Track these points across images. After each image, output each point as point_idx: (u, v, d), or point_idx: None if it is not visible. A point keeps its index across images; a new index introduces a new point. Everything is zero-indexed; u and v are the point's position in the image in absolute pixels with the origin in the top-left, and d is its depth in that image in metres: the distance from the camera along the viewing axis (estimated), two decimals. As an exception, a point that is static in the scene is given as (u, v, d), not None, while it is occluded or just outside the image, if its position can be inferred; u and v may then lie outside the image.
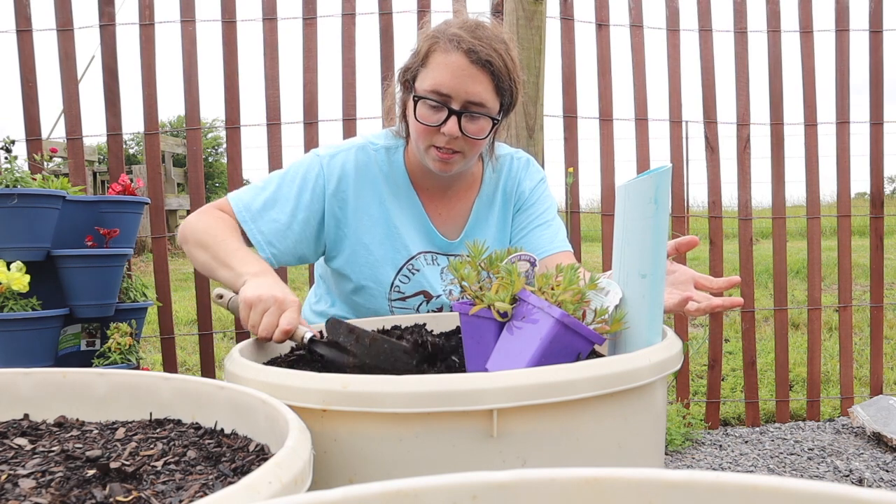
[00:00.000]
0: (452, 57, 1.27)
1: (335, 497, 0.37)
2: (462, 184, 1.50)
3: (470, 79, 1.27)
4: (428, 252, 1.47)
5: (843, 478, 2.27)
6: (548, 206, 1.53)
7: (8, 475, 0.62)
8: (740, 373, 3.11)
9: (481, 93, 1.28)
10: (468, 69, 1.26)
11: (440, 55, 1.28)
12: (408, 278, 1.45)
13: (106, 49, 2.40)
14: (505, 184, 1.52)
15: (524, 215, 1.52)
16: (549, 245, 1.47)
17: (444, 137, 1.30)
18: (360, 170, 1.42)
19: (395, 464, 0.74)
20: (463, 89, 1.27)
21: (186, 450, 0.71)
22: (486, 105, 1.30)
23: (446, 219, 1.49)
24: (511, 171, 1.53)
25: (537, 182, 1.54)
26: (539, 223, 1.50)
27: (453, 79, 1.27)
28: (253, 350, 1.04)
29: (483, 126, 1.32)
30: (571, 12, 2.59)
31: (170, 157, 8.92)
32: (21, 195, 1.62)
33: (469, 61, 1.26)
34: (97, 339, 1.88)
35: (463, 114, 1.29)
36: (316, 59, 2.49)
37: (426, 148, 1.34)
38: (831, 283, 4.46)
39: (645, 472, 0.39)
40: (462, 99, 1.28)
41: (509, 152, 1.56)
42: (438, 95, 1.28)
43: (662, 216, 0.87)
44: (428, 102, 1.29)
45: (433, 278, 1.47)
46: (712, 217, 2.79)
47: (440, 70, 1.28)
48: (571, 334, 0.84)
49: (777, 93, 2.77)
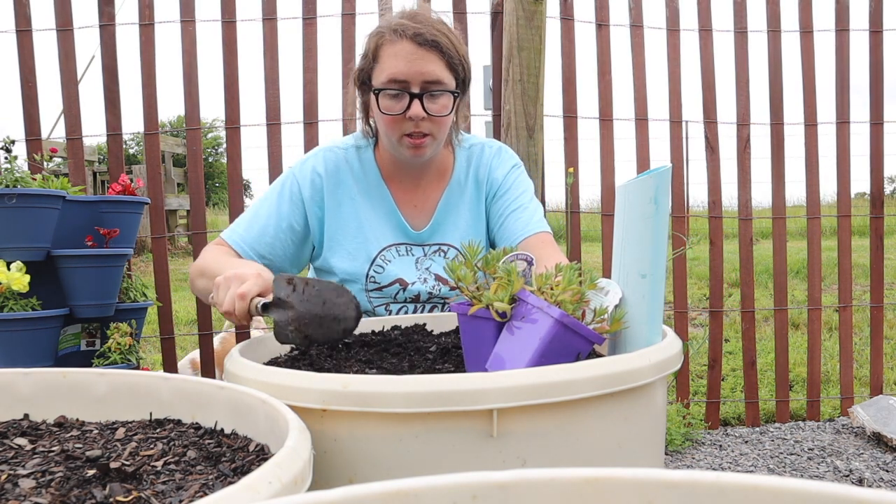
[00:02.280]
0: (400, 45, 1.34)
1: (335, 497, 0.37)
2: (433, 174, 1.54)
3: (422, 60, 1.34)
4: (400, 244, 1.51)
5: (843, 478, 2.27)
6: (522, 190, 1.54)
7: (8, 475, 0.62)
8: (740, 373, 3.11)
9: (435, 71, 1.35)
10: (418, 52, 1.34)
11: (388, 47, 1.36)
12: (381, 268, 1.49)
13: (106, 49, 2.40)
14: (476, 171, 1.55)
15: (500, 203, 1.53)
16: (524, 229, 1.47)
17: (411, 123, 1.36)
18: (329, 171, 1.49)
19: (395, 464, 0.74)
20: (417, 71, 1.34)
21: (186, 450, 0.71)
22: (442, 82, 1.36)
23: (420, 212, 1.53)
24: (482, 158, 1.56)
25: (510, 168, 1.56)
26: (514, 208, 1.51)
27: (407, 64, 1.34)
28: (253, 350, 1.04)
29: (445, 103, 1.38)
30: (571, 12, 2.59)
31: (170, 157, 8.92)
32: (21, 195, 1.62)
33: (417, 45, 1.34)
34: (97, 339, 1.88)
35: (423, 95, 1.35)
36: (316, 59, 2.49)
37: (398, 139, 1.40)
38: (831, 283, 4.46)
39: (645, 472, 0.39)
40: (419, 81, 1.35)
41: (482, 142, 1.59)
42: (396, 83, 1.35)
43: (662, 216, 0.87)
44: (388, 93, 1.36)
45: (407, 268, 1.50)
46: (712, 217, 2.78)
47: (392, 60, 1.35)
48: (571, 334, 0.84)
49: (777, 93, 2.77)
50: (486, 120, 2.60)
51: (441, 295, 1.51)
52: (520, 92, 2.34)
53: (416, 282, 1.49)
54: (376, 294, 1.50)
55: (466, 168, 1.55)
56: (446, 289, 1.50)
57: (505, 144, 1.61)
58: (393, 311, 1.50)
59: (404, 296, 1.50)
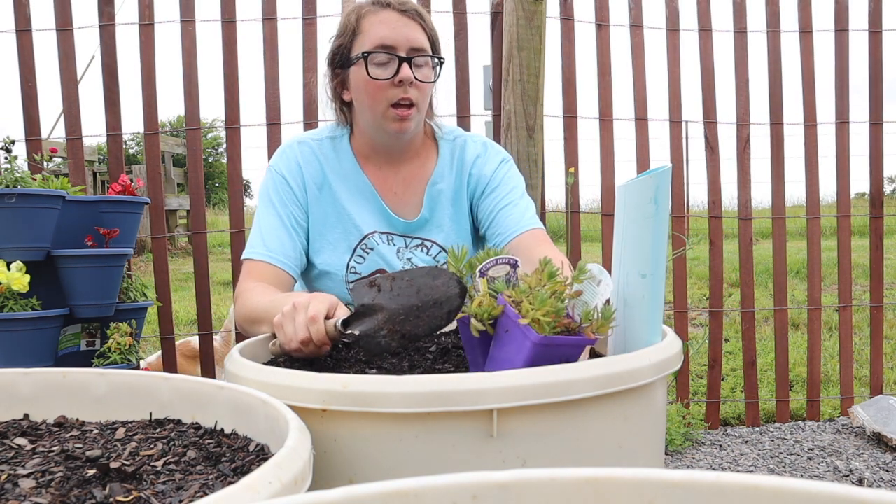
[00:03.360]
0: (384, 13, 1.38)
1: (335, 497, 0.37)
2: (414, 162, 1.52)
3: (407, 27, 1.37)
4: (383, 232, 1.48)
5: (843, 478, 2.27)
6: (513, 186, 1.51)
7: (8, 475, 0.62)
8: (740, 373, 3.11)
9: (420, 38, 1.39)
10: (402, 19, 1.37)
11: (372, 16, 1.38)
12: (363, 258, 1.47)
13: (106, 49, 2.40)
14: (460, 166, 1.52)
15: (489, 199, 1.49)
16: (516, 226, 1.44)
17: (399, 89, 1.37)
18: (304, 163, 1.48)
19: (395, 464, 0.74)
20: (404, 37, 1.36)
21: (186, 450, 0.71)
22: (426, 50, 1.39)
23: (401, 200, 1.50)
24: (465, 152, 1.53)
25: (498, 164, 1.52)
26: (505, 204, 1.47)
27: (393, 30, 1.37)
28: (253, 350, 1.04)
29: (428, 72, 1.41)
30: (571, 12, 2.59)
31: (170, 157, 8.93)
32: (21, 195, 1.62)
33: (400, 12, 1.38)
34: (97, 339, 1.88)
35: (411, 60, 1.37)
36: (316, 59, 2.49)
37: (383, 112, 1.39)
38: (831, 283, 4.46)
39: (645, 472, 0.39)
40: (406, 46, 1.37)
41: (465, 135, 1.56)
42: (384, 48, 1.36)
43: (662, 216, 0.87)
44: (376, 59, 1.37)
45: (389, 257, 1.48)
46: (712, 217, 2.78)
47: (378, 27, 1.37)
48: (553, 348, 0.83)
49: (777, 93, 2.77)
50: (487, 120, 2.60)
51: None
52: (520, 92, 2.34)
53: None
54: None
55: (450, 161, 1.52)
56: None
57: (489, 140, 1.58)
58: None
59: None
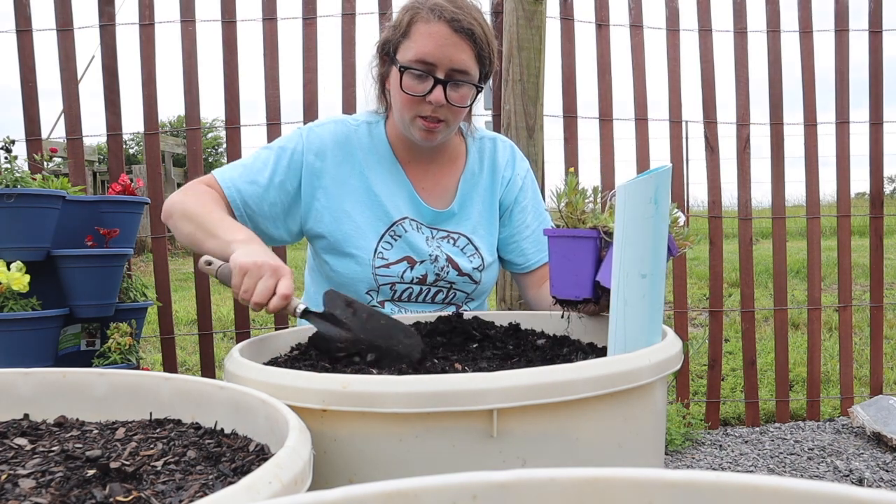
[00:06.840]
0: (435, 26, 1.30)
1: (335, 497, 0.37)
2: (444, 158, 1.53)
3: (454, 47, 1.31)
4: (413, 220, 1.48)
5: (843, 478, 2.27)
6: (538, 201, 1.57)
7: (8, 475, 0.62)
8: (740, 373, 3.11)
9: (465, 61, 1.32)
10: (451, 38, 1.30)
11: (422, 25, 1.32)
12: (390, 244, 1.46)
13: (106, 49, 2.40)
14: (492, 163, 1.55)
15: (517, 210, 1.54)
16: (543, 252, 1.52)
17: (430, 106, 1.34)
18: (339, 143, 1.46)
19: (395, 464, 0.74)
20: (447, 58, 1.31)
21: (186, 450, 0.71)
22: (469, 73, 1.34)
23: (432, 192, 1.51)
24: (496, 152, 1.56)
25: (526, 170, 1.58)
26: (534, 228, 1.54)
27: (438, 48, 1.30)
28: (253, 350, 1.04)
29: (466, 94, 1.36)
30: (571, 12, 2.59)
31: (170, 157, 8.93)
32: (21, 195, 1.62)
33: (452, 30, 1.30)
34: (97, 339, 1.88)
35: (448, 82, 1.32)
36: (316, 59, 2.49)
37: (411, 119, 1.38)
38: (831, 283, 4.46)
39: (645, 472, 0.39)
40: (446, 67, 1.32)
41: (491, 135, 1.59)
42: (423, 65, 1.32)
43: (662, 216, 0.87)
44: (413, 72, 1.32)
45: (419, 244, 1.47)
46: (712, 217, 2.78)
47: (424, 39, 1.31)
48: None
49: (777, 93, 2.77)
50: (487, 120, 2.60)
51: (448, 279, 1.48)
52: (520, 92, 2.34)
53: (426, 260, 1.46)
54: (383, 271, 1.45)
55: (480, 159, 1.54)
56: (454, 273, 1.48)
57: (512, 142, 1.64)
58: (398, 291, 1.46)
59: (411, 275, 1.46)
